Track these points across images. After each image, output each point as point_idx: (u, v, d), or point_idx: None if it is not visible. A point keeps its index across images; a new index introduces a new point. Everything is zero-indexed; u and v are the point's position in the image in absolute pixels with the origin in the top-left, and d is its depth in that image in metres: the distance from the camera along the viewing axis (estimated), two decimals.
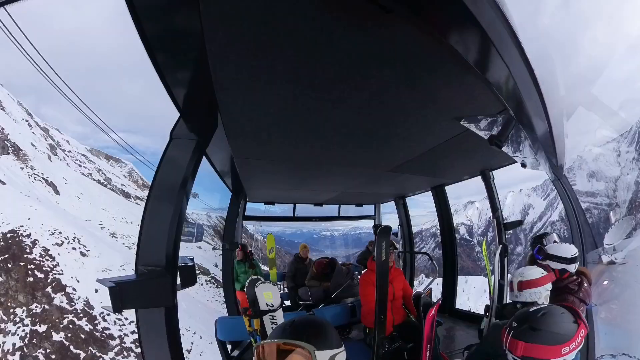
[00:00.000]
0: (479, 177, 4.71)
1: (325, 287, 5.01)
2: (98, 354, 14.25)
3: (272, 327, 2.59)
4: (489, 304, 3.37)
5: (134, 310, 1.36)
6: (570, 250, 2.42)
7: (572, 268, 2.39)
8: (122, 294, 1.23)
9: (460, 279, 5.90)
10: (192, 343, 16.90)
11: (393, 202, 6.93)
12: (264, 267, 6.70)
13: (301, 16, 1.10)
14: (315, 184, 4.49)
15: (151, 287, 1.35)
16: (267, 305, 2.65)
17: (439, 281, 5.47)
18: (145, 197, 1.58)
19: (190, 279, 1.61)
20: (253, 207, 6.00)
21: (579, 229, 4.05)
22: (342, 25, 1.16)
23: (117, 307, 1.21)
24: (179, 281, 1.50)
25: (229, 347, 3.73)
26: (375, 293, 2.76)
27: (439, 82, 1.69)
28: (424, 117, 2.19)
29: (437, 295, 5.06)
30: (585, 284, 2.37)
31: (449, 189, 5.64)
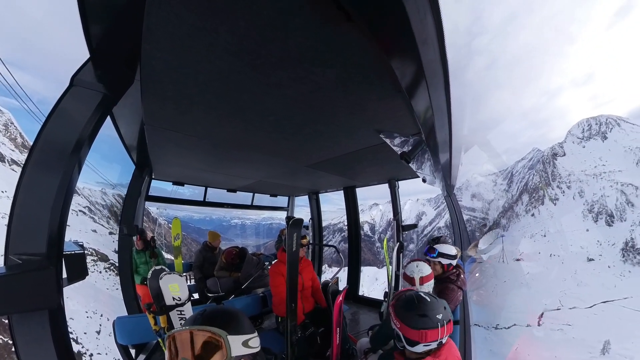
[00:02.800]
0: (386, 184, 5.35)
1: (235, 278, 4.82)
2: (10, 342, 12.25)
3: (181, 324, 2.36)
4: (387, 290, 3.87)
5: None
6: (453, 249, 3.05)
7: (454, 263, 3.02)
8: None
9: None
10: (100, 325, 16.36)
11: (307, 196, 7.14)
12: (168, 256, 6.13)
13: None
14: (231, 168, 4.19)
15: (29, 283, 1.07)
16: (174, 299, 2.39)
17: (343, 271, 5.89)
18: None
19: (79, 270, 1.33)
20: (158, 187, 5.28)
21: (460, 234, 5.03)
22: (303, 15, 1.14)
23: None
24: (64, 274, 1.22)
25: (132, 351, 3.18)
26: (286, 282, 2.82)
27: (372, 96, 1.80)
28: (349, 122, 2.31)
29: (343, 283, 5.48)
30: (462, 275, 3.00)
31: (359, 190, 6.15)
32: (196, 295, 5.08)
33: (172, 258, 5.35)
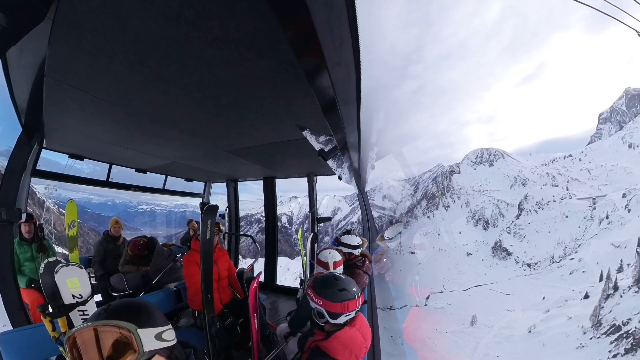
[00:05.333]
0: (305, 178, 5.59)
1: (143, 272, 4.29)
2: None
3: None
4: (303, 278, 4.08)
5: None
6: (355, 240, 3.41)
7: (357, 252, 3.38)
8: None
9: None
10: None
11: (225, 183, 6.91)
12: (60, 250, 5.16)
13: None
14: (144, 144, 3.68)
15: None
16: (74, 296, 2.00)
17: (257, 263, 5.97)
18: None
19: None
20: (50, 159, 4.31)
21: (369, 229, 5.59)
22: (251, 1, 1.15)
23: None
24: None
25: None
26: (200, 272, 2.70)
27: (298, 92, 1.92)
28: (274, 114, 2.39)
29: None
30: (367, 262, 3.39)
31: (279, 183, 6.27)
32: (99, 297, 4.35)
33: (66, 252, 4.46)
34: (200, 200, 7.15)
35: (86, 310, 2.07)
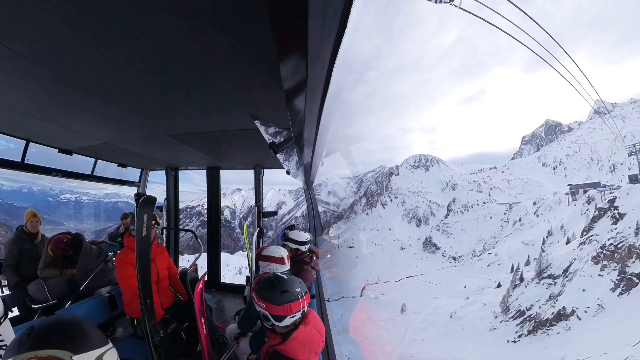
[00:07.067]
0: (252, 170, 5.49)
1: (69, 276, 3.69)
2: None
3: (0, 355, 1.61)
4: (249, 275, 3.98)
5: None
6: (302, 236, 3.45)
7: (304, 248, 3.44)
8: None
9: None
10: None
11: (164, 171, 6.35)
12: None
13: None
14: (71, 120, 3.07)
15: None
16: None
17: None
18: None
19: None
20: None
21: (314, 223, 5.65)
22: None
23: None
24: None
25: None
26: (137, 274, 2.43)
27: (258, 80, 1.80)
28: (228, 100, 2.21)
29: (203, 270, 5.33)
30: (315, 258, 3.47)
31: (222, 174, 6.01)
32: (16, 311, 3.69)
33: None
34: (135, 189, 6.46)
35: (0, 336, 1.67)
